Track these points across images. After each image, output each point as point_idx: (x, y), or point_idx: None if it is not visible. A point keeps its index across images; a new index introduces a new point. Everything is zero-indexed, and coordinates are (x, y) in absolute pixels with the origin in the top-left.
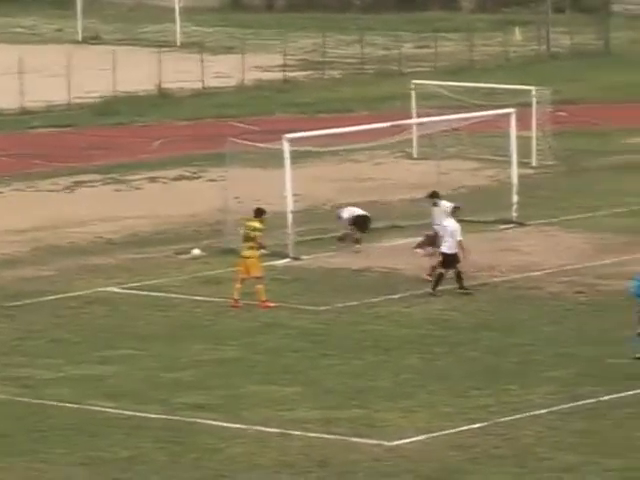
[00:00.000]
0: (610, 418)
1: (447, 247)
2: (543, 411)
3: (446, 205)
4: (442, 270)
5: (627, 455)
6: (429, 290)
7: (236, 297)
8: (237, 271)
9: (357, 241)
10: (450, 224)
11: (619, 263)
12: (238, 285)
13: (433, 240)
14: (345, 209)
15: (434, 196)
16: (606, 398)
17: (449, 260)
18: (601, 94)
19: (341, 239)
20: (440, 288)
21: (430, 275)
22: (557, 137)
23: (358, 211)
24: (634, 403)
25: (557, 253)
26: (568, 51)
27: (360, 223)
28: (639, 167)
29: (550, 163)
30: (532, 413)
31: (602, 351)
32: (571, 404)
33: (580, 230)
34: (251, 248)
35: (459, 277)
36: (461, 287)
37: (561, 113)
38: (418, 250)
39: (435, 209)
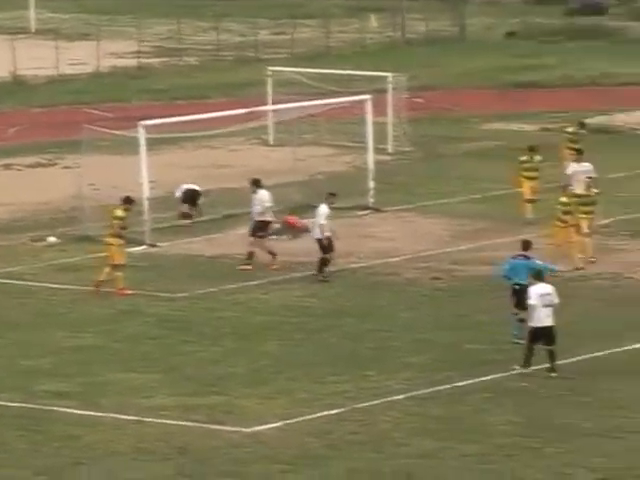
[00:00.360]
0: (467, 403)
1: (318, 232)
2: (401, 397)
3: (265, 194)
4: (324, 255)
5: (483, 440)
6: (319, 277)
7: (101, 279)
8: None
9: (186, 216)
10: (320, 209)
11: (475, 249)
12: (107, 269)
13: (286, 228)
14: (179, 187)
15: (255, 184)
16: (463, 383)
17: (324, 244)
18: (457, 80)
19: (183, 216)
20: (299, 275)
21: (273, 265)
22: (413, 123)
23: (188, 186)
24: (490, 388)
25: (414, 239)
26: (423, 37)
27: (190, 197)
28: (495, 153)
29: (406, 149)
30: (390, 399)
31: (459, 337)
32: (429, 390)
33: (437, 216)
34: (112, 235)
35: (322, 264)
36: (319, 272)
37: (417, 99)
38: (273, 237)
39: (254, 196)
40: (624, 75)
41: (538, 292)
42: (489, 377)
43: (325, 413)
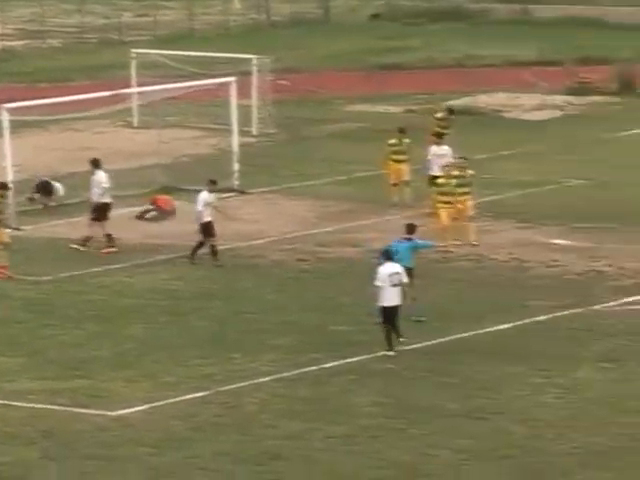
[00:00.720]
0: (333, 385)
1: (197, 218)
2: (267, 379)
3: (103, 175)
4: (201, 240)
5: (349, 421)
6: (192, 259)
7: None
8: None
9: (32, 201)
10: (200, 196)
11: (340, 230)
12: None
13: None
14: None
15: (93, 164)
16: (329, 365)
17: (205, 228)
18: (321, 62)
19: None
20: (163, 257)
21: (106, 250)
22: (278, 105)
23: (41, 178)
24: (356, 370)
25: (279, 221)
26: (288, 20)
27: (44, 188)
28: (359, 135)
29: (271, 131)
30: (256, 381)
31: (324, 318)
32: (295, 371)
33: (302, 198)
34: None
35: (197, 247)
36: (192, 256)
37: (282, 81)
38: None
39: (93, 177)
40: (487, 57)
41: (386, 272)
42: (355, 359)
43: (190, 396)
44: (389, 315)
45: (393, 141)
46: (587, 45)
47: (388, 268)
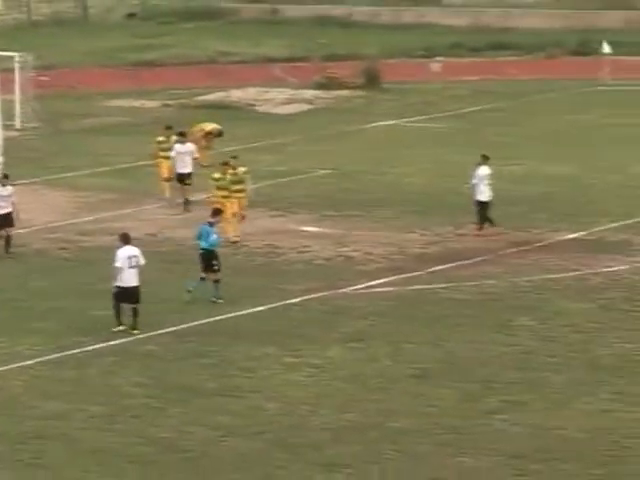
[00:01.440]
0: (95, 367)
1: None
2: (32, 362)
3: None
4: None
5: (111, 402)
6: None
7: None
8: None
9: None
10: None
11: (100, 220)
12: None
13: None
14: None
15: None
16: (91, 348)
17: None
18: (81, 59)
19: None
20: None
21: None
22: (40, 100)
23: None
24: (118, 352)
25: (43, 211)
26: (49, 19)
27: None
28: (118, 129)
29: (34, 125)
30: (21, 364)
31: (87, 304)
32: (58, 354)
33: (64, 189)
34: None
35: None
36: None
37: (43, 77)
38: None
39: None
40: (238, 54)
41: (125, 254)
42: (117, 342)
43: None
44: (127, 295)
45: (161, 138)
46: (335, 43)
47: (127, 251)
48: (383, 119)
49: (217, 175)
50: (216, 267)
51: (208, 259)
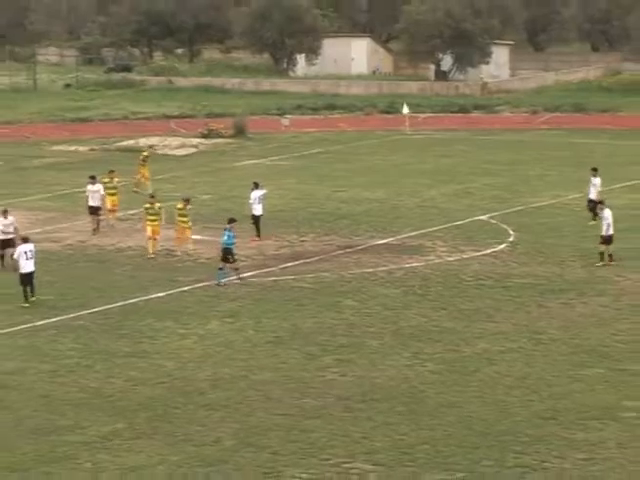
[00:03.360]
0: (41, 337)
1: None
2: None
3: None
4: None
5: (53, 361)
6: None
7: None
8: None
9: None
10: None
11: (46, 231)
12: None
13: None
14: None
15: None
16: (38, 323)
17: None
18: (33, 117)
19: None
20: None
21: None
22: (1, 146)
23: None
24: (57, 327)
25: None
26: (9, 87)
27: None
28: (60, 166)
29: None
30: None
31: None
32: (14, 328)
33: (21, 210)
34: None
35: None
36: None
37: (3, 130)
38: None
39: None
40: (145, 112)
41: (22, 249)
42: (56, 319)
43: None
44: (26, 279)
45: (106, 180)
46: (213, 104)
47: (24, 247)
48: (249, 159)
49: (180, 205)
50: (230, 259)
51: (224, 254)
